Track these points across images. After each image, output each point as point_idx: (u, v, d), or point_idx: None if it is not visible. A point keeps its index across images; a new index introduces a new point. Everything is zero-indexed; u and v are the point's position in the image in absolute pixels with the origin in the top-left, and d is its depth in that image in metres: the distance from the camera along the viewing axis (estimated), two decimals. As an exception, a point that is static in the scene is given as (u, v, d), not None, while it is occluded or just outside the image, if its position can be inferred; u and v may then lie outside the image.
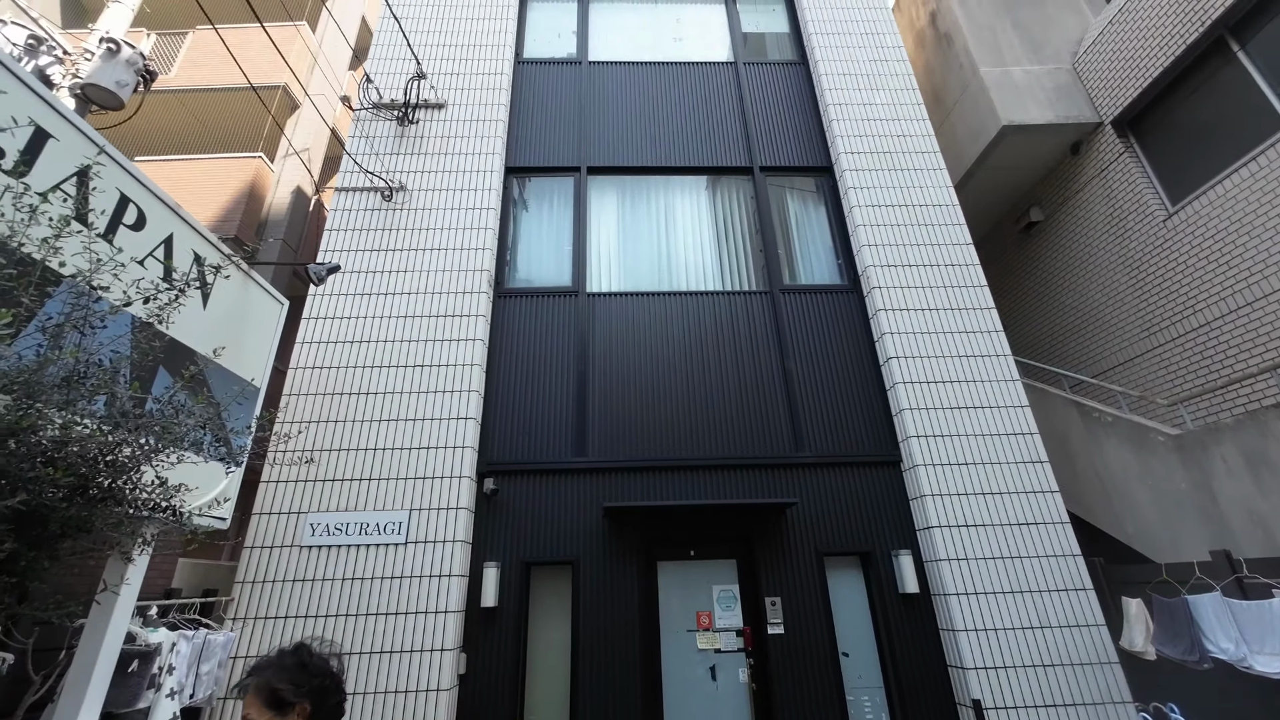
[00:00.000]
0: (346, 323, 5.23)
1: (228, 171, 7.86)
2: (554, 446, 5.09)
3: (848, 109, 6.56)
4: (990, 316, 5.43)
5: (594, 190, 6.41)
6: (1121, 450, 5.51)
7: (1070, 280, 8.00)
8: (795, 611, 4.56)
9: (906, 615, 4.56)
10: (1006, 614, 4.33)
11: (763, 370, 5.45)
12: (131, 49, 4.90)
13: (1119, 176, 7.21)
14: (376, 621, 4.20)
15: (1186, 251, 6.34)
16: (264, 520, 4.47)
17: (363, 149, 6.06)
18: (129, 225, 3.16)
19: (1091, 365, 7.60)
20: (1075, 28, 8.08)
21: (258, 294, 4.14)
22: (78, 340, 2.29)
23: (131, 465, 2.36)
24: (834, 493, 4.98)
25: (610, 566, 4.66)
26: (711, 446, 5.12)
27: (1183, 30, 6.41)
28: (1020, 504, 4.69)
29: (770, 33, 7.73)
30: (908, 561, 4.62)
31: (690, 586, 4.81)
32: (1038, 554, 4.52)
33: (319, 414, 4.84)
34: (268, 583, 4.29)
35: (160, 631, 3.34)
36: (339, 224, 5.72)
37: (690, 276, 6.04)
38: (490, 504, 4.82)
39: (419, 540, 4.44)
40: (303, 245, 8.37)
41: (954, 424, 4.96)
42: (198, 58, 8.86)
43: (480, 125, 6.34)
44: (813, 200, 6.54)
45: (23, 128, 2.59)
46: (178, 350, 3.36)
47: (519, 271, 6.09)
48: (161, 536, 2.79)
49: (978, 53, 7.82)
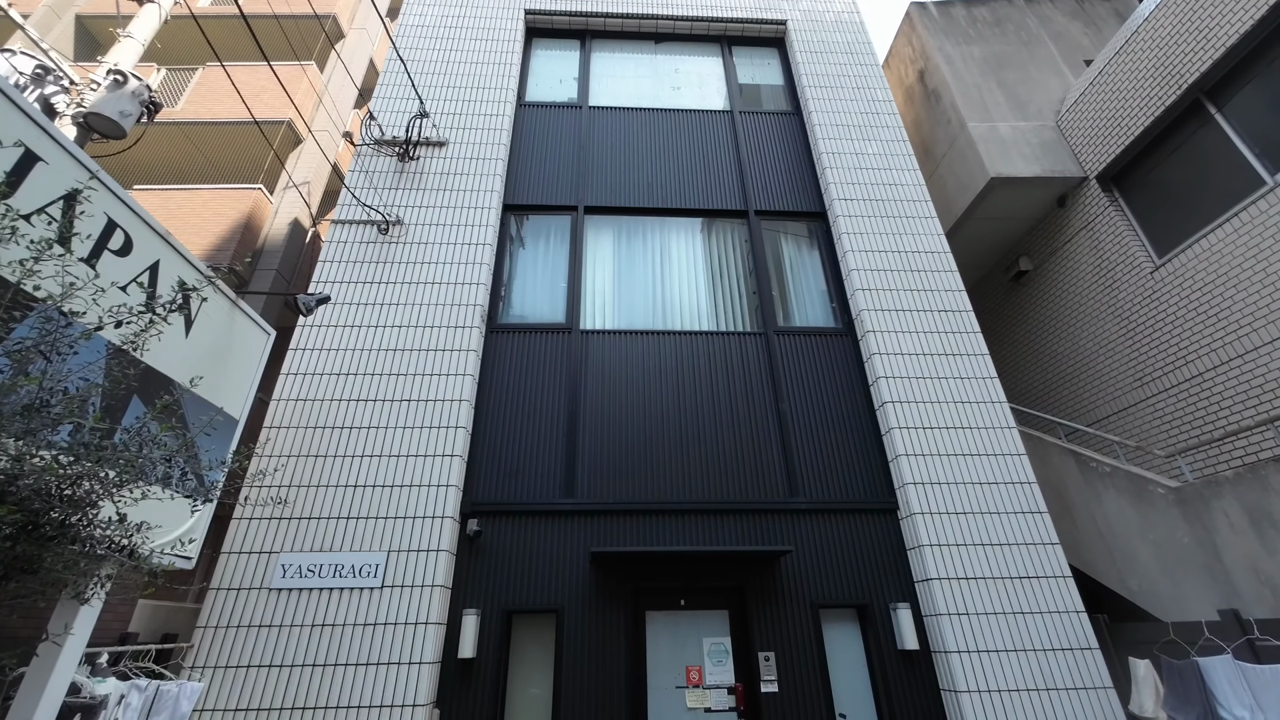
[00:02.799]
0: (334, 354, 5.13)
1: (227, 202, 7.90)
2: (541, 487, 4.93)
3: (841, 158, 6.72)
4: (985, 363, 5.41)
5: (590, 229, 6.45)
6: (1121, 502, 5.41)
7: (1061, 329, 8.07)
8: (790, 668, 4.33)
9: (906, 674, 4.34)
10: (1010, 674, 4.12)
11: (757, 413, 5.37)
12: (138, 81, 4.96)
13: (1105, 229, 7.37)
14: (345, 672, 3.93)
15: (1175, 303, 6.42)
16: (232, 560, 4.25)
17: (362, 183, 6.10)
18: (114, 250, 3.10)
19: (1085, 414, 7.57)
20: (1057, 88, 8.43)
21: (244, 323, 4.06)
22: (43, 366, 2.19)
23: (88, 501, 2.22)
24: (829, 541, 4.82)
25: (597, 616, 4.44)
26: (704, 490, 4.97)
27: (1160, 93, 6.68)
28: (1020, 556, 4.55)
29: (765, 84, 8.00)
30: (906, 616, 4.43)
31: (680, 639, 4.57)
32: (1040, 609, 4.36)
33: (299, 448, 4.67)
34: (232, 628, 4.03)
35: (109, 682, 3.10)
36: (333, 255, 5.70)
37: (684, 316, 6.02)
38: (473, 547, 4.62)
39: (396, 585, 4.22)
40: (295, 276, 8.34)
41: (951, 471, 4.86)
42: (205, 92, 9.04)
43: (480, 163, 6.43)
44: (806, 244, 6.62)
45: (9, 149, 2.55)
46: (154, 379, 3.25)
47: (513, 307, 6.05)
48: (119, 579, 2.61)
49: (965, 109, 8.10)
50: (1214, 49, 6.09)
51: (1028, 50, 8.83)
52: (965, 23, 9.08)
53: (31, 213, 2.65)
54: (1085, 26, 9.24)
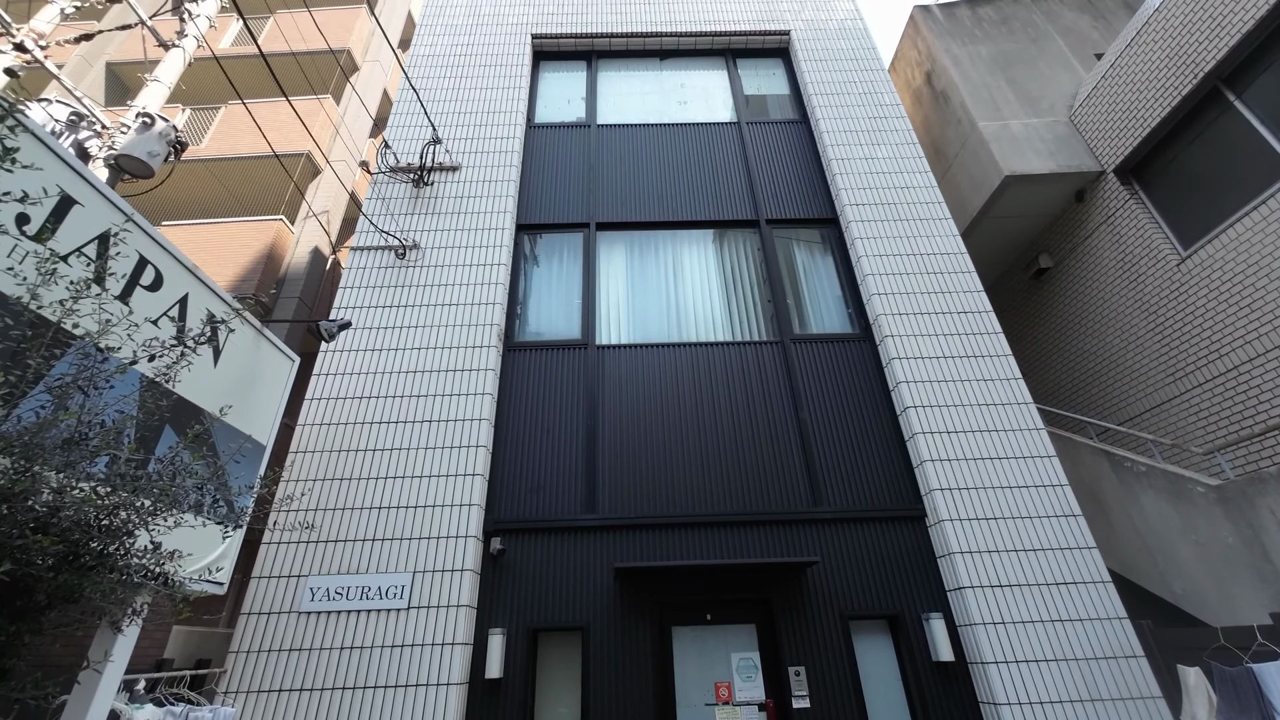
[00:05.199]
0: (356, 379, 5.23)
1: (250, 234, 8.14)
2: (563, 503, 4.93)
3: (851, 163, 6.71)
4: (1008, 364, 5.31)
5: (603, 245, 6.51)
6: (1159, 502, 5.23)
7: (1086, 325, 7.89)
8: (821, 682, 4.24)
9: (942, 687, 4.22)
10: (1052, 685, 3.98)
11: (776, 422, 5.32)
12: (164, 122, 5.17)
13: (1126, 222, 7.22)
14: (375, 695, 3.95)
15: (1204, 295, 6.24)
16: (263, 584, 4.31)
17: (379, 210, 6.25)
18: (145, 286, 3.21)
19: (1116, 413, 7.37)
20: (1069, 83, 8.33)
21: (269, 351, 4.16)
22: (81, 401, 2.27)
23: (125, 530, 2.28)
24: (857, 550, 4.74)
25: (622, 632, 4.40)
26: (726, 502, 4.93)
27: (1176, 83, 6.56)
28: (1056, 561, 4.42)
29: (771, 94, 8.04)
30: (940, 626, 4.32)
31: (707, 654, 4.51)
32: (1080, 617, 4.21)
33: (325, 472, 4.75)
34: (263, 652, 4.08)
35: (146, 709, 3.16)
36: (353, 281, 5.83)
37: (700, 327, 6.02)
38: (496, 565, 4.63)
39: (422, 605, 4.24)
40: (317, 303, 8.54)
41: (978, 476, 4.76)
42: (228, 129, 9.37)
43: (492, 185, 6.55)
44: (819, 250, 6.59)
45: (51, 197, 2.67)
46: (185, 409, 3.34)
47: (529, 325, 6.12)
48: (154, 605, 2.67)
49: (975, 108, 8.04)
50: (1229, 36, 5.98)
51: (1036, 46, 8.75)
52: (970, 23, 9.05)
53: (69, 253, 2.77)
54: (1094, 20, 9.14)
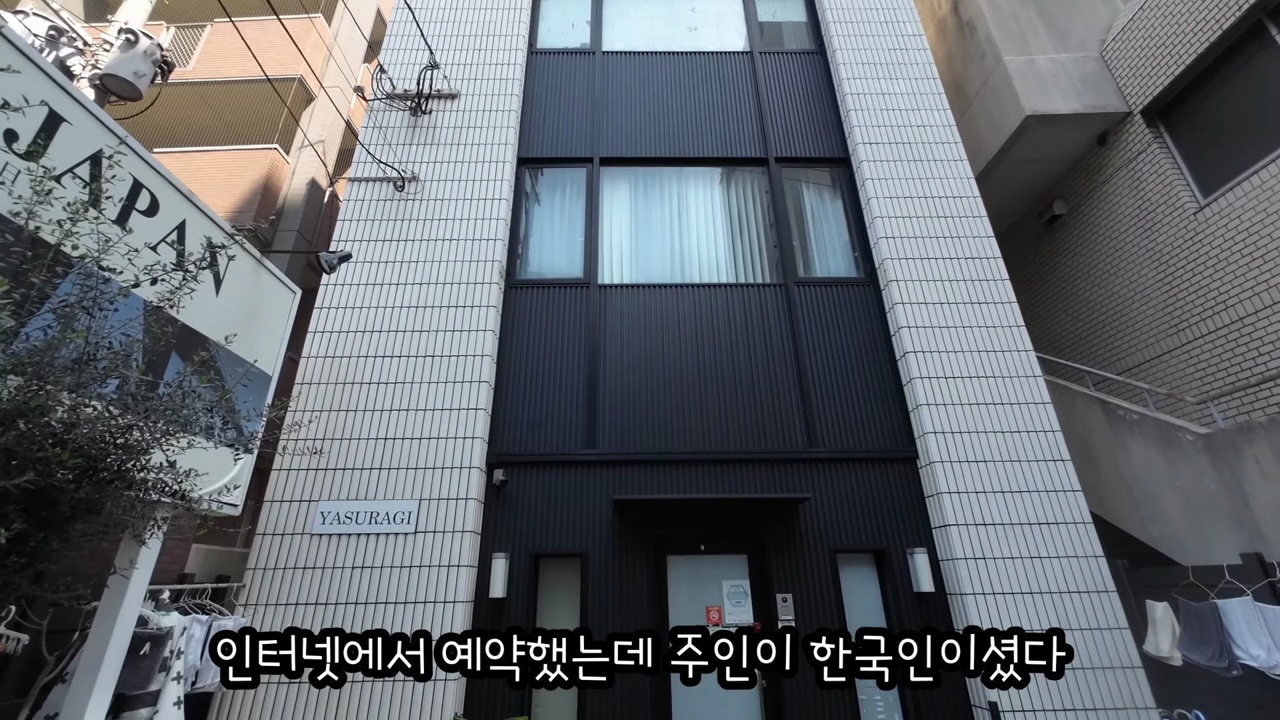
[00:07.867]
0: (358, 312, 5.24)
1: (244, 163, 7.93)
2: (564, 438, 5.05)
3: (866, 99, 6.42)
4: (1012, 311, 5.28)
5: (606, 181, 6.34)
6: (1148, 450, 5.34)
7: (1095, 275, 7.79)
8: (806, 608, 4.48)
9: (921, 614, 4.47)
10: (1025, 615, 4.21)
11: (776, 364, 5.37)
12: (149, 40, 4.93)
13: (1148, 168, 6.99)
14: (386, 610, 4.20)
15: (1218, 245, 6.12)
16: (275, 508, 4.50)
17: (376, 139, 6.06)
18: (141, 211, 3.17)
19: (1116, 362, 7.39)
20: (1104, 15, 7.84)
21: (270, 282, 4.15)
22: (87, 322, 2.29)
23: (140, 448, 2.36)
24: (848, 489, 4.89)
25: (620, 560, 4.62)
26: (723, 441, 5.05)
27: (1218, 16, 6.17)
28: (1041, 503, 4.57)
29: (787, 22, 7.59)
30: (923, 560, 4.52)
31: (700, 581, 4.75)
32: (1058, 554, 4.40)
33: (330, 403, 4.85)
34: (279, 569, 4.31)
35: (172, 615, 3.37)
36: (352, 214, 5.73)
37: (703, 269, 5.96)
38: (499, 495, 4.80)
39: (428, 530, 4.44)
40: (317, 236, 8.42)
41: (973, 420, 4.84)
42: (215, 51, 8.94)
43: (493, 115, 6.31)
44: (828, 192, 6.42)
45: (35, 107, 2.59)
46: (190, 336, 3.37)
47: (530, 263, 6.05)
48: (174, 522, 2.79)
49: (1001, 41, 7.61)
50: (1282, -37, 5.57)
51: (1073, -27, 8.18)
52: (1005, -55, 8.40)
53: (63, 174, 2.71)
54: (1138, -56, 8.48)
